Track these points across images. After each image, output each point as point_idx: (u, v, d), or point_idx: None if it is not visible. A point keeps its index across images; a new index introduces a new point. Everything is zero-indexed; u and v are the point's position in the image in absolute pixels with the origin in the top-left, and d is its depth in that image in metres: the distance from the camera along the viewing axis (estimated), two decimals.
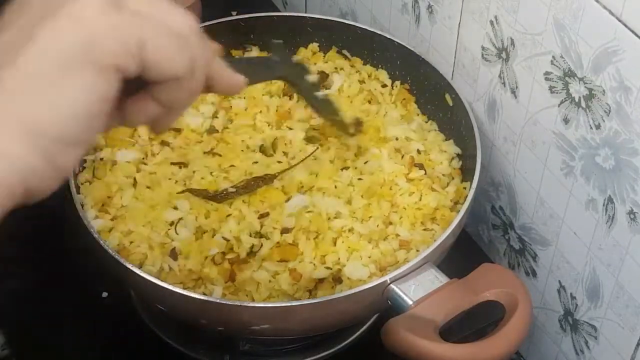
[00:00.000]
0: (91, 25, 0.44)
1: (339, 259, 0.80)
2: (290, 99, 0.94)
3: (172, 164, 0.87)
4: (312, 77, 0.81)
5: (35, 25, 0.43)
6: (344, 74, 0.99)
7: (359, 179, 0.86)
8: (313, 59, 1.01)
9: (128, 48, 0.44)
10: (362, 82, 0.98)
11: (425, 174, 0.87)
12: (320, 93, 0.83)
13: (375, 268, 0.80)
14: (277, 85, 0.95)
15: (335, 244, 0.81)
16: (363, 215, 0.83)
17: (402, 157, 0.88)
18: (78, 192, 0.84)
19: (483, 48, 0.86)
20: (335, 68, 1.00)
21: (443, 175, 0.89)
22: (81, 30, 0.43)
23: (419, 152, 0.90)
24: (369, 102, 0.95)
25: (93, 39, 0.44)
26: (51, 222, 0.97)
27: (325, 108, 0.85)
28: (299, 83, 0.80)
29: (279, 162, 0.87)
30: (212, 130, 0.91)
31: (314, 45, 1.02)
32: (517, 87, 0.83)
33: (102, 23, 0.44)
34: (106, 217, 0.84)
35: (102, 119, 0.45)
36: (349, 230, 0.82)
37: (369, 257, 0.81)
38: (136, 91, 0.48)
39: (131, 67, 0.45)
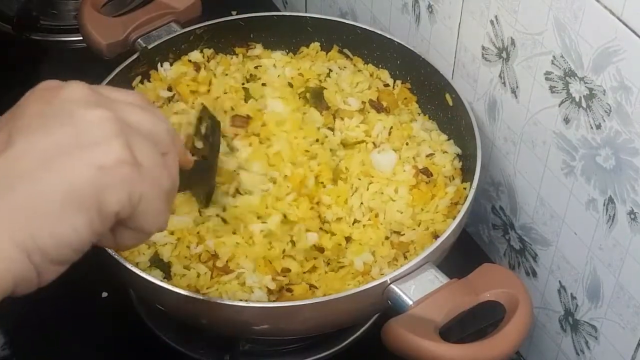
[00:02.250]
0: (109, 176, 0.48)
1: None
2: None
3: None
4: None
5: (55, 157, 0.47)
6: (349, 72, 0.99)
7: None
8: (316, 57, 1.01)
9: (132, 201, 0.49)
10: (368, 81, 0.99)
11: (430, 180, 0.87)
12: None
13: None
14: None
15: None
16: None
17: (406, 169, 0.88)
18: None
19: (483, 48, 0.86)
20: (339, 67, 1.00)
21: (445, 176, 0.89)
22: (97, 180, 0.47)
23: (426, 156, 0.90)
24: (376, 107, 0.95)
25: (106, 188, 0.48)
26: None
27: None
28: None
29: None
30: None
31: (316, 45, 1.01)
32: (517, 87, 0.83)
33: (118, 175, 0.48)
34: None
35: (88, 247, 0.50)
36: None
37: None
38: None
39: (125, 216, 0.50)
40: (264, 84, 0.96)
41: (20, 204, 0.46)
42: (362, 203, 0.85)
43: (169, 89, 0.96)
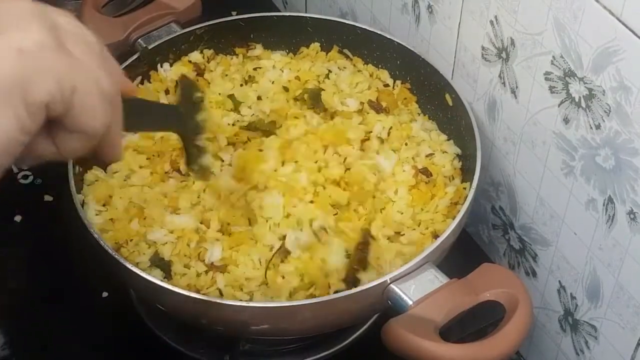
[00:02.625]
0: (31, 59, 0.43)
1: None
2: None
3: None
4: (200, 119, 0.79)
5: None
6: (349, 72, 0.99)
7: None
8: (316, 58, 1.01)
9: (62, 91, 0.44)
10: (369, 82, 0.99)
11: (429, 180, 0.87)
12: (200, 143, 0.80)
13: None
14: None
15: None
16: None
17: (405, 169, 0.88)
18: (78, 192, 0.83)
19: (483, 48, 0.86)
20: (339, 68, 1.00)
21: (444, 176, 0.89)
22: (19, 64, 0.43)
23: (426, 156, 0.90)
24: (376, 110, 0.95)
25: (30, 75, 0.43)
26: (51, 222, 0.97)
27: (196, 155, 0.79)
28: (187, 138, 0.77)
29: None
30: None
31: (316, 45, 1.02)
32: (517, 87, 0.83)
33: (42, 59, 0.43)
34: (107, 215, 0.84)
35: (19, 148, 0.44)
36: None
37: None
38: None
39: (58, 111, 0.45)
40: (259, 97, 0.96)
41: None
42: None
43: (167, 92, 0.96)
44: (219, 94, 0.95)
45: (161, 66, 0.98)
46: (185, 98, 0.78)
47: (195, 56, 0.99)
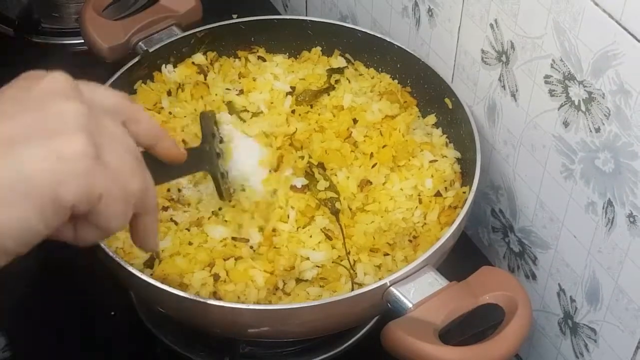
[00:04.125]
0: (67, 166, 0.46)
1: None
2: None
3: None
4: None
5: (15, 143, 0.45)
6: (351, 75, 0.99)
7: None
8: (318, 62, 1.01)
9: (90, 197, 0.47)
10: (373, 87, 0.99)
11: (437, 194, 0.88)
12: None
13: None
14: None
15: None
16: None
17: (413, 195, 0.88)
18: None
19: (483, 51, 0.86)
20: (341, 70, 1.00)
21: (445, 181, 0.89)
22: (55, 168, 0.45)
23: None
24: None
25: (63, 179, 0.45)
26: None
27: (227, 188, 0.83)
28: (216, 175, 0.80)
29: None
30: None
31: (317, 49, 1.02)
32: (517, 91, 0.84)
33: (78, 168, 0.46)
34: None
35: (39, 240, 0.47)
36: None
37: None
38: None
39: (82, 210, 0.47)
40: (252, 113, 0.96)
41: None
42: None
43: (169, 93, 0.96)
44: (216, 94, 0.96)
45: (165, 67, 0.98)
46: (207, 131, 0.81)
47: (199, 58, 0.99)
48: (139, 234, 0.55)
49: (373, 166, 0.88)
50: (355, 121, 0.93)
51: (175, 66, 0.98)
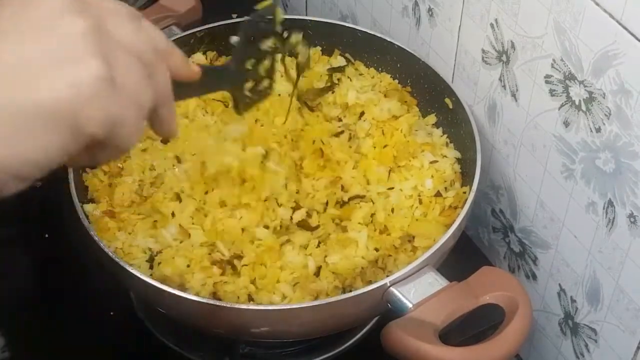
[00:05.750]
0: (84, 95, 0.45)
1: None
2: None
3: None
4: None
5: (25, 72, 0.44)
6: (352, 74, 0.99)
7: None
8: (319, 61, 1.01)
9: (108, 123, 0.46)
10: (373, 85, 0.99)
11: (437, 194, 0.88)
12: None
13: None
14: None
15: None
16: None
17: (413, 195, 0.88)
18: (79, 195, 0.83)
19: (483, 51, 0.86)
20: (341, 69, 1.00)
21: (445, 181, 0.89)
22: (73, 97, 0.44)
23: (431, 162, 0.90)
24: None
25: (81, 108, 0.45)
26: (51, 225, 0.97)
27: (249, 102, 0.77)
28: (237, 94, 0.74)
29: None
30: None
31: (317, 49, 1.02)
32: (517, 90, 0.83)
33: (96, 94, 0.45)
34: (108, 217, 0.84)
35: (56, 166, 0.47)
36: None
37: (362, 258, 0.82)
38: None
39: (99, 137, 0.47)
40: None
41: None
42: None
43: None
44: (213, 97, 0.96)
45: None
46: (242, 41, 0.74)
47: (199, 58, 0.99)
48: (158, 124, 0.54)
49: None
50: (362, 114, 0.94)
51: None
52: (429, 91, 0.96)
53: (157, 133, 0.55)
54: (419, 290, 0.75)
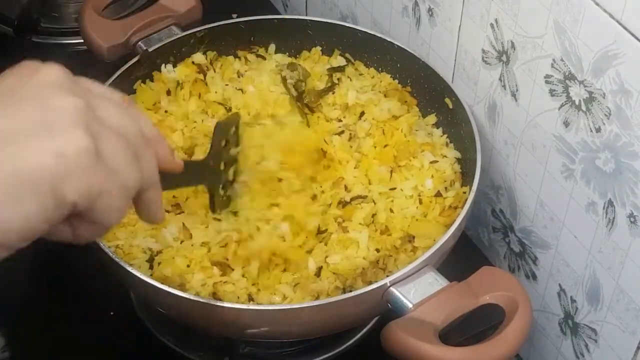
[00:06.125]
0: (68, 164, 0.46)
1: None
2: None
3: None
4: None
5: (12, 139, 0.45)
6: (352, 74, 0.99)
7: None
8: (318, 61, 1.01)
9: (90, 194, 0.48)
10: (373, 86, 0.99)
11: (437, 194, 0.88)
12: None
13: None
14: None
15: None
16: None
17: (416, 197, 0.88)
18: None
19: (483, 51, 0.86)
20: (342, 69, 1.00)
21: (445, 181, 0.89)
22: (56, 166, 0.46)
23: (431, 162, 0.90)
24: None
25: (64, 177, 0.46)
26: None
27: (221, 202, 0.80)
28: (213, 189, 0.77)
29: None
30: None
31: (317, 49, 1.02)
32: (517, 90, 0.83)
33: (77, 165, 0.47)
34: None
35: (37, 235, 0.48)
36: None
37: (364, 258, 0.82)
38: None
39: (82, 207, 0.48)
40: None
41: None
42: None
43: (168, 93, 0.96)
44: (215, 91, 0.96)
45: (164, 67, 0.98)
46: (216, 144, 0.78)
47: (198, 57, 0.99)
48: (144, 209, 0.55)
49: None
50: (362, 114, 0.94)
51: (174, 66, 0.98)
52: (429, 91, 0.96)
53: (143, 219, 0.57)
54: (419, 290, 0.75)
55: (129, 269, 0.76)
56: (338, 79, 0.98)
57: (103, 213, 0.49)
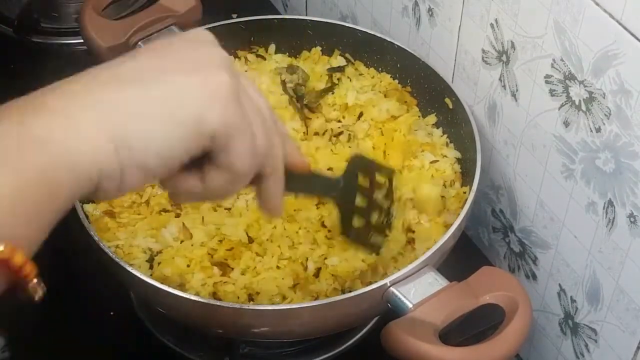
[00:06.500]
0: (213, 97, 0.50)
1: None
2: None
3: None
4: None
5: (168, 72, 0.50)
6: (352, 74, 0.99)
7: None
8: (319, 61, 1.01)
9: (228, 127, 0.50)
10: (373, 86, 0.99)
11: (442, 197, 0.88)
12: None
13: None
14: None
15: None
16: None
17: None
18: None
19: (483, 51, 0.86)
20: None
21: (445, 181, 0.89)
22: (203, 98, 0.49)
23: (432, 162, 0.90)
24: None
25: (208, 109, 0.49)
26: None
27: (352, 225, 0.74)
28: (342, 207, 0.73)
29: None
30: None
31: (317, 49, 1.02)
32: (517, 90, 0.83)
33: (222, 97, 0.50)
34: (108, 217, 0.84)
35: (176, 166, 0.50)
36: None
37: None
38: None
39: (216, 145, 0.51)
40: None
41: (124, 103, 0.48)
42: None
43: None
44: None
45: None
46: (350, 170, 0.72)
47: None
48: (264, 196, 0.57)
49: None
50: (360, 115, 0.94)
51: None
52: (429, 91, 0.96)
53: (262, 207, 0.59)
54: (419, 290, 0.75)
55: (129, 269, 0.76)
56: (338, 79, 0.98)
57: (235, 157, 0.51)
